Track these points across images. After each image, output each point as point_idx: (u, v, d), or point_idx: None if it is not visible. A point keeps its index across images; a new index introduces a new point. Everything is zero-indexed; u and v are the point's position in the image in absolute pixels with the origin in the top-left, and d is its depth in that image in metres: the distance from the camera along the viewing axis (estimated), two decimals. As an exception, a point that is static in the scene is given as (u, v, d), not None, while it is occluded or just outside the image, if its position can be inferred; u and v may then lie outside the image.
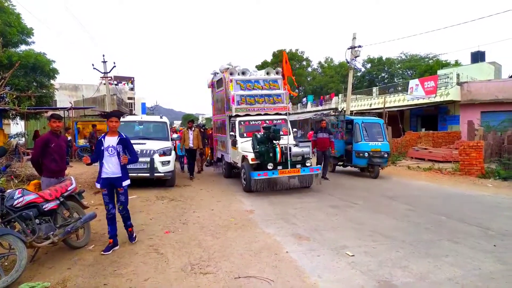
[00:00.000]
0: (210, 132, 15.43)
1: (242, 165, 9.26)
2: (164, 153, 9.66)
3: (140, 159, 9.35)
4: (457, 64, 36.82)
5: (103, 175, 4.85)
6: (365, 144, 11.45)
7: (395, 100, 24.95)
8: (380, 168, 11.57)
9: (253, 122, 10.37)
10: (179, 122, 75.70)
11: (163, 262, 4.47)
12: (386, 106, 22.65)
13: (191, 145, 11.64)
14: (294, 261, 4.42)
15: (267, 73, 10.96)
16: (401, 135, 21.25)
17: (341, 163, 12.55)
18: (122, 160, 4.86)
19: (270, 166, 8.35)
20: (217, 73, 12.38)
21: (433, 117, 24.12)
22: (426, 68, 37.74)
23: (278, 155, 8.37)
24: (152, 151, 9.51)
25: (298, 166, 8.60)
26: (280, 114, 10.72)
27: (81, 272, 4.15)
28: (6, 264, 4.27)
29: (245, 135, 10.08)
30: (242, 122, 10.32)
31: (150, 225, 6.13)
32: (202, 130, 14.04)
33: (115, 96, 31.25)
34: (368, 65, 46.77)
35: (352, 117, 12.44)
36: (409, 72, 44.43)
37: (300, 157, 8.69)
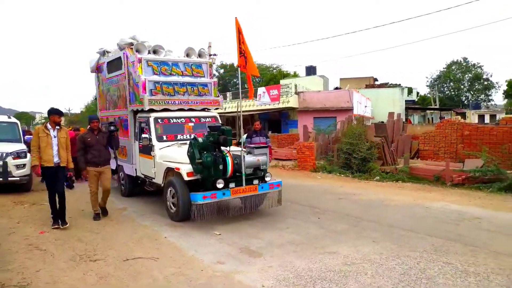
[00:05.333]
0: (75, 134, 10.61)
1: (168, 182, 6.56)
2: (19, 155, 9.13)
3: (-10, 163, 8.70)
4: (295, 75, 42.53)
5: None
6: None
7: (246, 105, 27.56)
8: None
9: (174, 121, 7.68)
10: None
11: (49, 256, 4.78)
12: (238, 110, 24.95)
13: (56, 160, 5.98)
14: (173, 243, 5.29)
15: (187, 55, 8.26)
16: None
17: None
18: None
19: (220, 183, 5.95)
20: (108, 52, 9.38)
21: (277, 121, 27.60)
22: (271, 76, 42.41)
23: (230, 168, 6.07)
24: (4, 154, 8.90)
25: (255, 181, 6.44)
26: (209, 110, 8.34)
27: (-38, 273, 4.17)
28: None
29: (164, 138, 7.37)
30: (159, 120, 7.47)
31: (20, 228, 6.10)
32: (112, 132, 7.07)
33: None
34: (222, 71, 49.67)
35: None
36: (257, 79, 48.99)
37: (252, 169, 6.54)
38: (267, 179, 6.58)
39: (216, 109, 8.49)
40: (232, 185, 6.16)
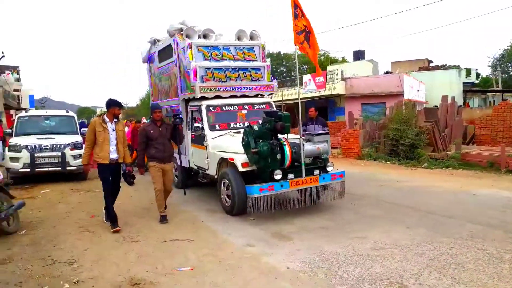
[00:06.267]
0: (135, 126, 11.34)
1: (222, 173, 6.17)
2: (75, 146, 9.90)
3: (51, 154, 9.54)
4: (344, 60, 41.45)
5: None
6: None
7: (292, 93, 27.43)
8: None
9: (226, 108, 7.31)
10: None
11: (96, 237, 5.23)
12: (285, 99, 24.92)
13: (113, 156, 5.46)
14: (209, 227, 5.54)
15: (238, 38, 7.84)
16: (297, 125, 23.75)
17: None
18: None
19: (278, 174, 5.50)
20: (158, 40, 9.09)
21: (324, 108, 27.17)
22: (319, 63, 41.66)
23: (288, 157, 5.61)
24: (62, 145, 9.70)
25: (316, 172, 5.89)
26: (262, 96, 7.97)
27: (22, 250, 4.72)
28: None
29: (217, 126, 7.04)
30: (211, 108, 7.15)
31: (74, 212, 6.67)
32: (176, 122, 6.07)
33: (0, 88, 28.55)
34: (268, 60, 49.62)
35: None
36: (304, 67, 48.40)
37: (311, 158, 6.06)
38: (329, 169, 6.04)
39: (270, 94, 8.11)
40: (290, 176, 5.65)
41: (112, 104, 5.51)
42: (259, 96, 7.89)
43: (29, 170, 9.24)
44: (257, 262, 4.12)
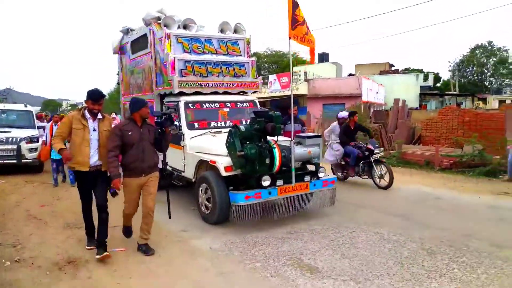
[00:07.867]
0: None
1: (202, 177, 5.63)
2: (31, 140, 10.09)
3: (7, 147, 9.71)
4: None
5: None
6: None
7: (261, 92, 28.14)
8: None
9: (207, 105, 6.70)
10: (38, 108, 67.38)
11: (43, 224, 5.63)
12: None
13: (94, 161, 4.24)
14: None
15: (221, 30, 7.29)
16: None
17: None
18: None
19: (266, 181, 5.04)
20: (132, 30, 8.25)
21: (288, 108, 28.07)
22: (287, 64, 42.58)
23: (277, 161, 5.11)
24: (18, 139, 9.87)
25: (307, 178, 5.50)
26: (246, 94, 7.47)
27: (-31, 235, 5.05)
28: None
29: (196, 125, 6.42)
30: (190, 105, 6.52)
31: (25, 202, 6.98)
32: (164, 124, 4.57)
33: (-42, 78, 27.80)
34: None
35: None
36: (274, 66, 49.21)
37: (300, 162, 5.73)
38: (320, 175, 5.64)
39: (254, 92, 7.62)
40: (279, 182, 5.19)
41: (93, 96, 4.18)
42: (242, 93, 7.41)
43: (-17, 162, 9.38)
44: (185, 244, 4.69)
